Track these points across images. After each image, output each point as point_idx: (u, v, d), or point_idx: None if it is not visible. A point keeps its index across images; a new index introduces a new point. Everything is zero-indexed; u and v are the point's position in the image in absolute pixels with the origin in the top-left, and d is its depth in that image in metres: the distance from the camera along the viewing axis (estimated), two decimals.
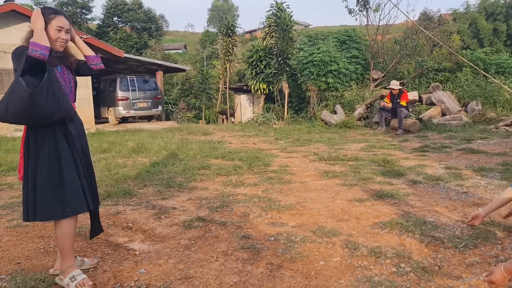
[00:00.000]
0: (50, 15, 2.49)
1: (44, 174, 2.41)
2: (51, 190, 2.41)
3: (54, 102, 2.36)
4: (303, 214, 3.81)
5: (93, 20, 50.38)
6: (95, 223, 2.76)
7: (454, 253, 2.82)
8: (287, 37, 15.82)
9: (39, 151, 2.45)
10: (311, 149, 8.05)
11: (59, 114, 2.42)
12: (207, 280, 2.55)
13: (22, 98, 2.28)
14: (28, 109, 2.31)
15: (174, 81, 29.59)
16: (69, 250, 2.51)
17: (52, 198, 2.41)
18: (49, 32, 2.47)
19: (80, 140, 2.61)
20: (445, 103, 11.56)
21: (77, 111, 2.66)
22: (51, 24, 2.48)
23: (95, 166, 6.31)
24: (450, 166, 5.64)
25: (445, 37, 16.64)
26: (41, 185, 2.41)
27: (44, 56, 2.32)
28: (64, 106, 2.44)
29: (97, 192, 2.75)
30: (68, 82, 2.61)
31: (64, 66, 2.61)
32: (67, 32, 2.56)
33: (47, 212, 2.42)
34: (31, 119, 2.38)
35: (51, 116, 2.39)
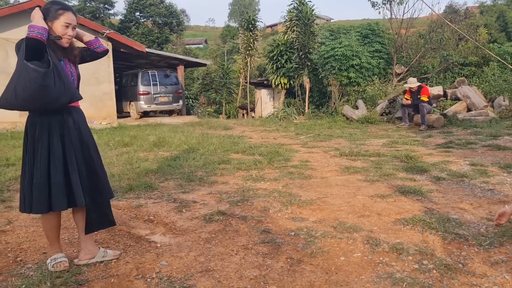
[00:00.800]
0: (59, 11, 2.51)
1: (42, 168, 2.47)
2: (43, 184, 2.46)
3: (61, 84, 2.40)
4: (323, 210, 3.79)
5: (116, 15, 51.09)
6: (93, 216, 2.66)
7: (479, 251, 2.76)
8: (308, 31, 15.69)
9: (36, 143, 2.50)
10: (332, 144, 7.99)
11: (66, 97, 2.44)
12: (227, 273, 2.56)
13: (33, 79, 2.30)
14: (39, 90, 2.33)
15: (195, 76, 29.76)
16: (53, 240, 2.67)
17: (44, 192, 2.46)
18: (56, 28, 2.50)
19: (81, 133, 2.60)
20: (470, 98, 11.29)
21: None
22: (59, 20, 2.50)
23: (117, 159, 6.44)
24: (476, 162, 5.52)
25: (471, 30, 16.26)
26: (38, 178, 2.47)
27: (42, 36, 2.35)
28: (70, 89, 2.47)
29: (102, 185, 2.68)
30: (69, 76, 2.61)
31: (66, 60, 2.62)
32: (74, 28, 2.58)
33: (41, 205, 2.48)
34: (40, 101, 2.39)
35: (59, 98, 2.41)
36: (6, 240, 3.20)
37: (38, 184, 2.47)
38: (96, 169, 2.65)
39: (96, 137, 9.66)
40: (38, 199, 2.48)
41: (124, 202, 4.16)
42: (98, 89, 13.44)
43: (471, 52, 14.58)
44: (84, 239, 2.72)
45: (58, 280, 2.43)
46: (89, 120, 12.88)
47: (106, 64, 13.45)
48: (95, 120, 13.29)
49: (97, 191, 2.65)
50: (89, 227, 2.70)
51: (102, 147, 7.97)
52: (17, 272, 2.61)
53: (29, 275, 2.55)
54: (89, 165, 2.62)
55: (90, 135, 2.72)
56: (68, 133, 2.54)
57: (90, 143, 2.68)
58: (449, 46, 14.95)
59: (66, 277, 2.48)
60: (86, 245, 2.73)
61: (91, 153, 2.65)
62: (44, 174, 2.47)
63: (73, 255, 2.87)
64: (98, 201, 2.66)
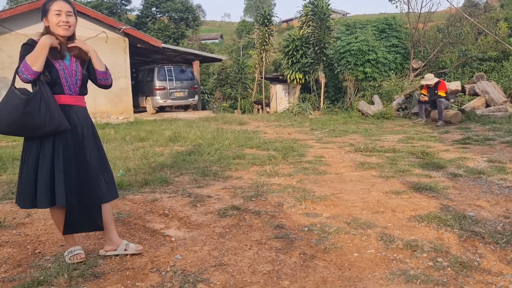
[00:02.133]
0: (48, 3, 2.52)
1: (30, 165, 2.51)
2: (30, 181, 2.50)
3: (46, 112, 2.41)
4: (337, 205, 3.78)
5: (132, 11, 51.48)
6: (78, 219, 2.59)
7: (495, 249, 2.72)
8: (324, 26, 15.58)
9: (30, 140, 2.54)
10: (347, 140, 7.95)
11: (51, 125, 2.43)
12: (240, 268, 2.58)
13: (15, 106, 2.36)
14: (21, 117, 2.37)
15: (211, 71, 29.84)
16: None
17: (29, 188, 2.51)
18: (51, 20, 2.51)
19: (76, 134, 2.57)
20: (489, 93, 11.08)
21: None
22: (50, 12, 2.51)
23: (134, 154, 6.52)
24: (493, 159, 5.43)
25: (491, 24, 15.92)
26: (26, 174, 2.52)
27: (28, 81, 2.39)
28: (55, 118, 2.44)
29: (93, 188, 2.61)
30: (73, 75, 2.59)
31: (73, 58, 2.61)
32: (68, 15, 2.53)
33: (25, 200, 2.54)
34: (23, 128, 2.43)
35: (43, 126, 2.41)
36: (25, 232, 3.28)
37: (25, 180, 2.52)
38: (87, 170, 2.59)
39: (113, 131, 9.84)
40: (23, 194, 2.53)
41: (140, 196, 4.22)
42: (115, 84, 13.35)
43: (490, 46, 14.28)
44: (106, 231, 2.76)
45: (75, 272, 2.49)
46: (106, 115, 12.95)
47: (123, 59, 13.58)
48: (112, 115, 13.44)
49: (86, 193, 2.58)
50: (69, 227, 2.63)
51: (118, 142, 8.07)
52: (36, 264, 2.68)
53: (47, 267, 2.62)
54: (80, 166, 2.56)
55: (90, 136, 2.66)
56: (61, 132, 2.52)
57: (87, 143, 2.62)
58: (468, 41, 14.67)
59: (82, 269, 2.53)
60: (110, 237, 2.78)
61: (86, 153, 2.60)
62: (31, 171, 2.50)
63: (90, 248, 2.92)
64: (85, 203, 2.58)
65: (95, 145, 2.69)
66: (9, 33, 11.84)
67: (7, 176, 5.20)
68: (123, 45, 13.54)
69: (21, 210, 3.80)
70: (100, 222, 2.66)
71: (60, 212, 2.65)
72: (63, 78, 2.54)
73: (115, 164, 5.66)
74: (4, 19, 11.82)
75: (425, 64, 14.22)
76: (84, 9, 12.96)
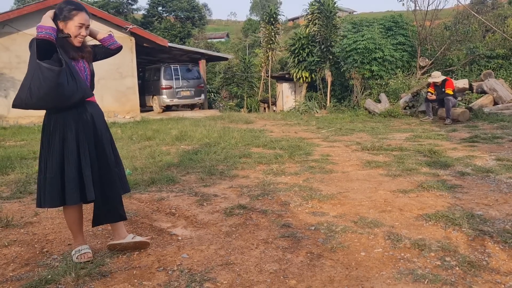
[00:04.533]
0: (72, 12, 2.55)
1: (54, 163, 2.53)
2: (56, 179, 2.52)
3: (73, 82, 2.47)
4: (344, 204, 3.76)
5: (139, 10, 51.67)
6: (103, 211, 2.71)
7: (504, 248, 2.70)
8: (330, 24, 15.52)
9: (52, 139, 2.56)
10: (354, 138, 7.92)
11: (79, 94, 2.50)
12: (247, 267, 2.58)
13: (48, 78, 2.37)
14: (55, 88, 2.40)
15: (217, 70, 29.87)
16: (76, 232, 2.74)
17: (56, 186, 2.53)
18: (70, 28, 2.55)
19: (95, 127, 2.65)
20: (497, 91, 10.98)
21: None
22: (73, 21, 2.54)
23: (140, 153, 6.54)
24: (502, 157, 5.38)
25: (499, 21, 15.76)
26: (51, 173, 2.53)
27: (50, 36, 2.40)
28: (82, 86, 2.53)
29: (113, 180, 2.70)
30: (83, 72, 2.67)
31: (79, 58, 2.67)
32: (87, 28, 2.62)
33: (53, 199, 2.55)
34: (55, 99, 2.46)
35: (72, 95, 2.47)
36: (33, 231, 3.30)
37: (51, 179, 2.54)
38: (108, 163, 2.68)
39: (119, 131, 9.88)
40: (50, 193, 2.54)
41: (147, 195, 4.23)
42: (121, 83, 13.64)
43: (498, 44, 14.13)
44: (115, 227, 2.81)
45: (82, 271, 2.50)
46: (113, 114, 13.02)
47: (130, 58, 13.63)
48: (119, 114, 13.50)
49: (108, 185, 2.68)
50: (96, 219, 2.76)
51: (125, 141, 8.10)
52: (43, 263, 2.69)
53: (55, 266, 2.63)
54: (101, 159, 2.66)
55: (106, 129, 2.76)
56: (82, 127, 2.59)
57: (104, 137, 2.72)
58: (476, 38, 14.54)
59: (90, 268, 2.54)
60: (119, 233, 2.82)
61: (105, 147, 2.69)
62: (57, 169, 2.53)
63: (97, 247, 2.94)
64: (108, 195, 2.68)
65: (110, 140, 2.79)
66: (17, 33, 11.93)
67: (15, 175, 5.24)
68: (129, 45, 13.59)
69: (29, 209, 3.83)
70: (123, 212, 2.79)
71: (75, 210, 2.70)
72: None
73: (122, 163, 5.67)
74: (12, 19, 11.91)
75: (432, 62, 14.13)
76: (91, 9, 13.02)
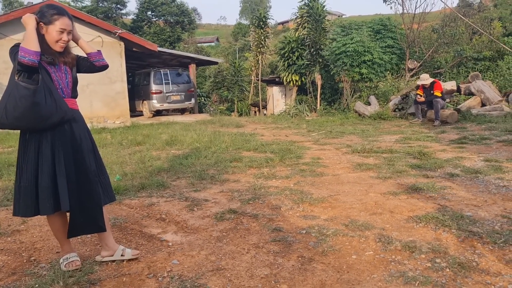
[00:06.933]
0: (54, 16, 2.49)
1: (28, 171, 2.47)
2: (30, 188, 2.47)
3: (52, 102, 2.40)
4: (335, 207, 3.76)
5: (128, 15, 51.53)
6: (80, 221, 2.59)
7: (493, 249, 2.71)
8: (319, 27, 15.59)
9: (27, 146, 2.50)
10: (344, 141, 7.94)
11: (57, 115, 2.43)
12: (238, 272, 2.56)
13: (23, 97, 2.33)
14: (31, 108, 2.35)
15: (207, 74, 29.82)
16: (62, 240, 2.70)
17: (30, 195, 2.48)
18: (51, 33, 2.49)
19: (73, 136, 2.56)
20: (485, 93, 11.10)
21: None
22: (54, 25, 2.48)
23: (130, 158, 6.49)
24: (490, 158, 5.43)
25: (485, 24, 15.96)
26: (25, 181, 2.48)
27: (33, 62, 2.33)
28: (62, 107, 2.45)
29: (93, 190, 2.59)
30: (64, 78, 2.59)
31: (62, 63, 2.59)
32: (69, 33, 2.55)
33: (27, 208, 2.50)
34: (32, 120, 2.39)
35: (50, 116, 2.41)
36: (21, 239, 3.25)
37: (25, 188, 2.48)
38: (87, 173, 2.58)
39: (109, 136, 9.80)
40: (24, 202, 2.49)
41: (137, 201, 4.19)
42: (111, 88, 13.56)
43: (485, 46, 14.31)
44: (102, 237, 2.75)
45: (70, 280, 2.46)
46: (102, 119, 12.92)
47: (119, 63, 13.57)
48: (109, 119, 13.42)
49: (87, 195, 2.57)
50: (72, 230, 2.64)
51: (115, 146, 8.04)
52: (31, 272, 2.65)
53: (42, 275, 2.59)
54: (80, 168, 2.56)
55: (86, 137, 2.66)
56: (59, 135, 2.51)
57: (84, 144, 2.62)
58: (463, 41, 14.70)
59: (78, 276, 2.51)
60: (106, 243, 2.76)
61: (84, 155, 2.59)
62: (31, 178, 2.47)
63: (86, 254, 2.90)
64: (86, 205, 2.58)
65: (91, 148, 2.70)
66: (4, 38, 11.80)
67: (2, 182, 5.17)
68: (118, 49, 13.53)
69: (16, 217, 3.77)
70: (103, 224, 2.67)
71: (58, 219, 2.64)
72: (55, 81, 2.54)
73: (112, 168, 5.63)
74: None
75: (421, 64, 14.25)
76: (79, 14, 12.95)
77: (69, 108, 2.53)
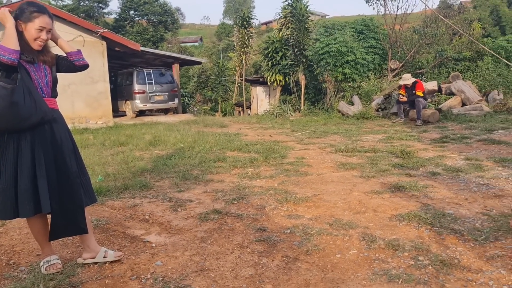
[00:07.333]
0: (34, 13, 2.44)
1: (8, 173, 2.43)
2: (10, 190, 2.42)
3: (31, 102, 2.36)
4: (319, 207, 3.78)
5: (110, 14, 50.95)
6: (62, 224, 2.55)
7: (474, 246, 2.76)
8: (303, 27, 15.64)
9: (6, 148, 2.45)
10: (328, 140, 7.99)
11: (36, 116, 2.39)
12: (222, 272, 2.55)
13: (1, 97, 2.28)
14: (8, 108, 2.30)
15: (190, 74, 29.69)
16: (43, 242, 2.65)
17: (9, 198, 2.42)
18: (30, 30, 2.44)
19: (54, 137, 2.51)
20: (465, 92, 11.30)
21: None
22: (33, 23, 2.44)
23: (113, 159, 6.41)
24: (470, 157, 5.53)
25: (465, 25, 16.27)
26: (3, 184, 2.43)
27: (13, 61, 2.30)
28: (41, 107, 2.41)
29: (75, 191, 2.55)
30: (43, 77, 2.54)
31: (41, 62, 2.55)
32: (48, 32, 2.51)
33: (6, 211, 2.45)
34: (10, 120, 2.34)
35: (30, 117, 2.36)
36: (0, 242, 3.18)
37: (3, 190, 2.43)
38: (68, 174, 2.53)
39: (91, 136, 9.68)
40: (3, 205, 2.44)
41: (119, 202, 4.14)
42: (93, 88, 13.38)
43: (465, 46, 14.58)
44: (84, 238, 2.70)
45: (51, 283, 2.41)
46: (85, 119, 12.70)
47: (101, 63, 13.39)
48: (91, 119, 13.23)
49: (68, 197, 2.53)
50: (54, 233, 2.60)
51: (97, 147, 7.94)
52: (10, 275, 2.59)
53: (22, 278, 2.53)
54: (61, 169, 2.52)
55: (67, 137, 2.61)
56: (39, 136, 2.46)
57: (65, 145, 2.57)
58: (443, 41, 14.94)
59: (59, 279, 2.46)
60: (88, 245, 2.71)
61: (65, 156, 2.54)
62: (10, 180, 2.42)
63: (67, 257, 2.85)
64: (68, 207, 2.54)
65: (72, 148, 2.65)
66: None
67: None
68: (101, 49, 13.35)
69: None
70: (84, 226, 2.63)
71: (38, 221, 2.59)
72: (35, 80, 2.49)
73: (94, 169, 5.56)
74: None
75: (403, 65, 14.43)
76: (60, 12, 12.75)
77: (49, 108, 2.48)
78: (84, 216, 2.62)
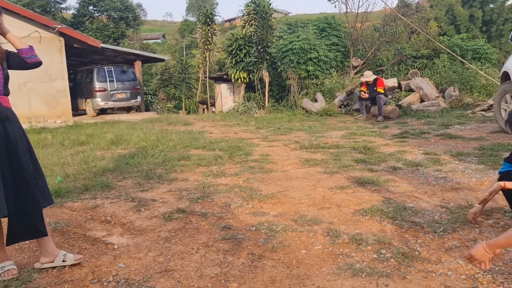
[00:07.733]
0: None
1: None
2: None
3: None
4: (284, 203, 3.79)
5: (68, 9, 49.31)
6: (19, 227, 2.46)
7: (434, 238, 2.84)
8: (266, 25, 15.70)
9: None
10: (292, 137, 8.04)
11: None
12: (187, 272, 2.51)
13: None
14: None
15: (153, 71, 29.19)
16: None
17: None
18: None
19: (8, 137, 2.41)
20: (423, 89, 11.68)
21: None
22: None
23: (72, 159, 6.21)
24: (429, 151, 5.70)
25: (422, 24, 16.76)
26: None
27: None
28: None
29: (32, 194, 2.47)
30: None
31: None
32: None
33: None
34: None
35: None
36: None
37: None
38: (25, 175, 2.44)
39: (50, 136, 9.33)
40: None
41: (79, 203, 4.01)
42: (51, 86, 12.89)
43: (422, 44, 15.05)
44: (42, 242, 2.60)
45: None
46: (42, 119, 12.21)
47: (59, 60, 12.92)
48: (49, 118, 12.76)
49: (25, 199, 2.44)
50: (11, 237, 2.49)
51: (56, 147, 7.67)
52: None
53: None
54: (17, 171, 2.42)
55: (21, 137, 2.51)
56: None
57: (20, 146, 2.47)
58: (402, 39, 15.37)
59: (15, 285, 2.36)
60: (46, 248, 2.61)
61: (20, 157, 2.45)
62: None
63: (23, 262, 2.73)
64: (25, 210, 2.44)
65: (27, 148, 2.54)
66: None
67: None
68: (58, 45, 12.88)
69: None
70: (43, 228, 2.53)
71: None
72: None
73: (53, 170, 5.36)
74: None
75: (364, 62, 14.74)
76: (13, 7, 12.19)
77: (2, 107, 2.38)
78: (43, 218, 2.52)
